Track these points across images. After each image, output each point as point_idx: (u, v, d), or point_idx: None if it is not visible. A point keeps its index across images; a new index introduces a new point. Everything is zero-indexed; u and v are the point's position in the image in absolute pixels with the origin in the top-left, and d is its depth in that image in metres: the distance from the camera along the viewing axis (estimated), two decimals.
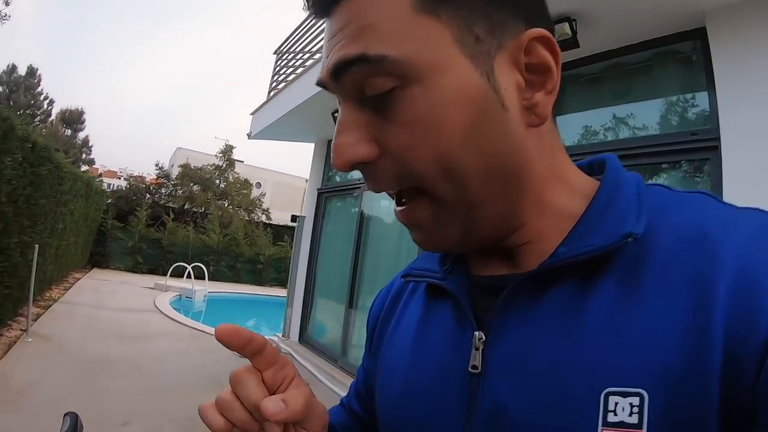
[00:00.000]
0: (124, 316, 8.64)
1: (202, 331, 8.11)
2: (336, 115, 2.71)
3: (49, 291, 9.14)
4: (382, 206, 6.38)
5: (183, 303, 11.60)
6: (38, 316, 7.20)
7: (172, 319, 8.88)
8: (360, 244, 6.45)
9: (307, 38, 7.04)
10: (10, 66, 26.38)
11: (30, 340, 5.91)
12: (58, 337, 6.39)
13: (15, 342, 5.73)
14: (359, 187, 6.59)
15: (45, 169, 6.75)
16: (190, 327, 8.38)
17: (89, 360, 5.64)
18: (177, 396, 4.97)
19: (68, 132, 28.21)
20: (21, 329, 6.19)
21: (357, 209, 6.63)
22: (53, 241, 8.32)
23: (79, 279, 12.03)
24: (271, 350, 0.48)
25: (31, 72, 27.22)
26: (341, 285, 6.63)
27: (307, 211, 7.97)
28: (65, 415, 0.71)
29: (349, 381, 5.48)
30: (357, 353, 6.12)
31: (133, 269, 15.58)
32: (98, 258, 15.28)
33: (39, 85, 27.56)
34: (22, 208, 5.84)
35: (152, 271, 15.49)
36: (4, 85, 25.90)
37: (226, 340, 0.45)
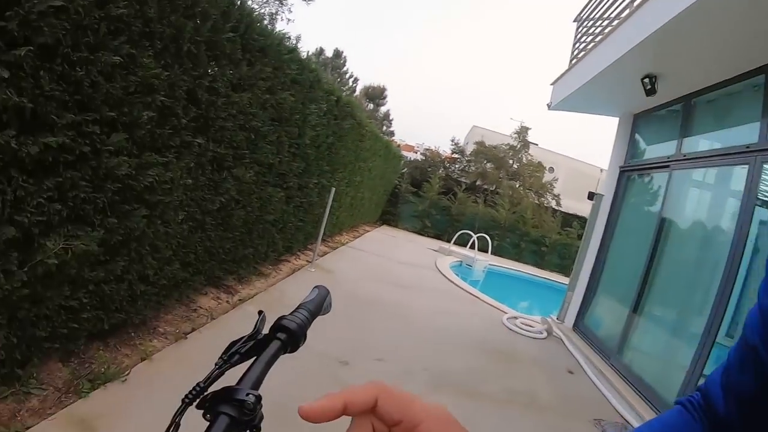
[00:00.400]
0: (404, 268, 9.18)
1: (476, 296, 8.03)
2: (646, 80, 1.88)
3: (339, 236, 10.33)
4: (690, 200, 5.50)
5: (462, 269, 11.86)
6: (324, 253, 8.10)
7: (449, 280, 9.03)
8: (658, 243, 5.52)
9: (607, 2, 6.33)
10: (318, 49, 31.68)
11: (313, 270, 6.60)
12: (338, 272, 7.02)
13: (299, 269, 6.46)
14: (668, 166, 5.64)
15: (348, 123, 7.38)
16: (465, 290, 8.38)
17: (362, 297, 6.01)
18: (436, 348, 4.86)
19: (371, 106, 32.00)
20: (307, 260, 6.98)
21: (660, 202, 5.71)
22: (350, 191, 9.25)
23: (368, 231, 13.49)
24: (389, 403, 0.37)
25: (337, 54, 32.20)
26: (630, 283, 5.83)
27: (606, 191, 7.34)
28: (315, 287, 0.66)
29: (618, 382, 4.98)
30: (633, 356, 5.42)
31: (420, 231, 16.89)
32: (389, 217, 17.01)
33: (344, 65, 32.13)
34: (323, 153, 6.53)
35: (438, 236, 16.51)
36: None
37: (314, 421, 0.35)
